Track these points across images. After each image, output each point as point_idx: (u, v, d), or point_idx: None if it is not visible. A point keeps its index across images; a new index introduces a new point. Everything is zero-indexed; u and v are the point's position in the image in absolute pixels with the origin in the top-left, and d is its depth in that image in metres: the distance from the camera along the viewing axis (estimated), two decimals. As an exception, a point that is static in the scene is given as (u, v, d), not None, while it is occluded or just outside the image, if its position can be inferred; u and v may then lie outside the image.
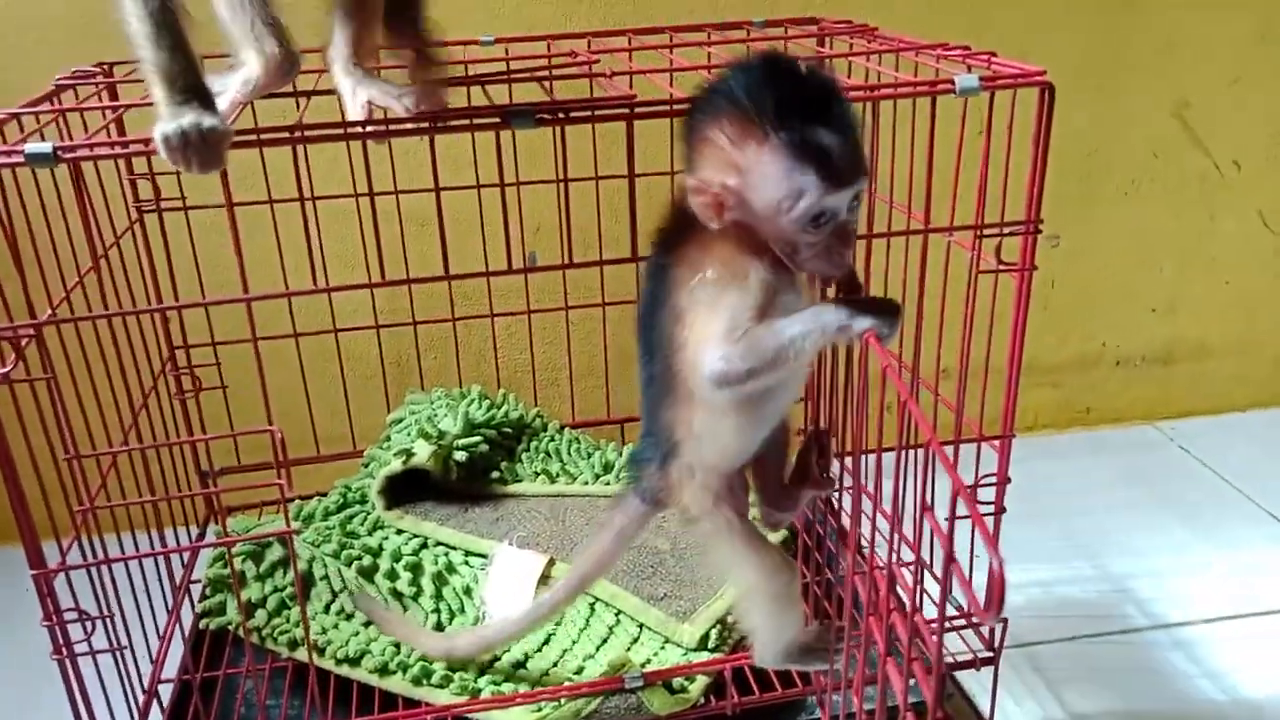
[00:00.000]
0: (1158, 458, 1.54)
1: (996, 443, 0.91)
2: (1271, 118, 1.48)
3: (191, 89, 0.66)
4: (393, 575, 1.00)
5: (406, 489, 1.11)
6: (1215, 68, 1.44)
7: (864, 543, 0.84)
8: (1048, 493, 1.44)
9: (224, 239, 0.87)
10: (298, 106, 0.83)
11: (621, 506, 0.79)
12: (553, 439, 1.21)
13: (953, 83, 0.74)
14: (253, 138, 0.68)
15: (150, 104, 0.69)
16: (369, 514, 1.10)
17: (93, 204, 0.86)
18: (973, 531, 0.45)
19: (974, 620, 0.92)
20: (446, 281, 0.85)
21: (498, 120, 0.70)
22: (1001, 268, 0.82)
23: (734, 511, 0.74)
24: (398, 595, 0.99)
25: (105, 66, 1.00)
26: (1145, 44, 1.41)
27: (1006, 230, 0.80)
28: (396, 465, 1.08)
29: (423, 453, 1.08)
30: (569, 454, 1.19)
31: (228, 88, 0.77)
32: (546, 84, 0.87)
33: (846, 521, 0.93)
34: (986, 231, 0.81)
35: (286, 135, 0.69)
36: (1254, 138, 1.49)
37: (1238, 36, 1.43)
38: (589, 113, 0.71)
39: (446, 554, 1.04)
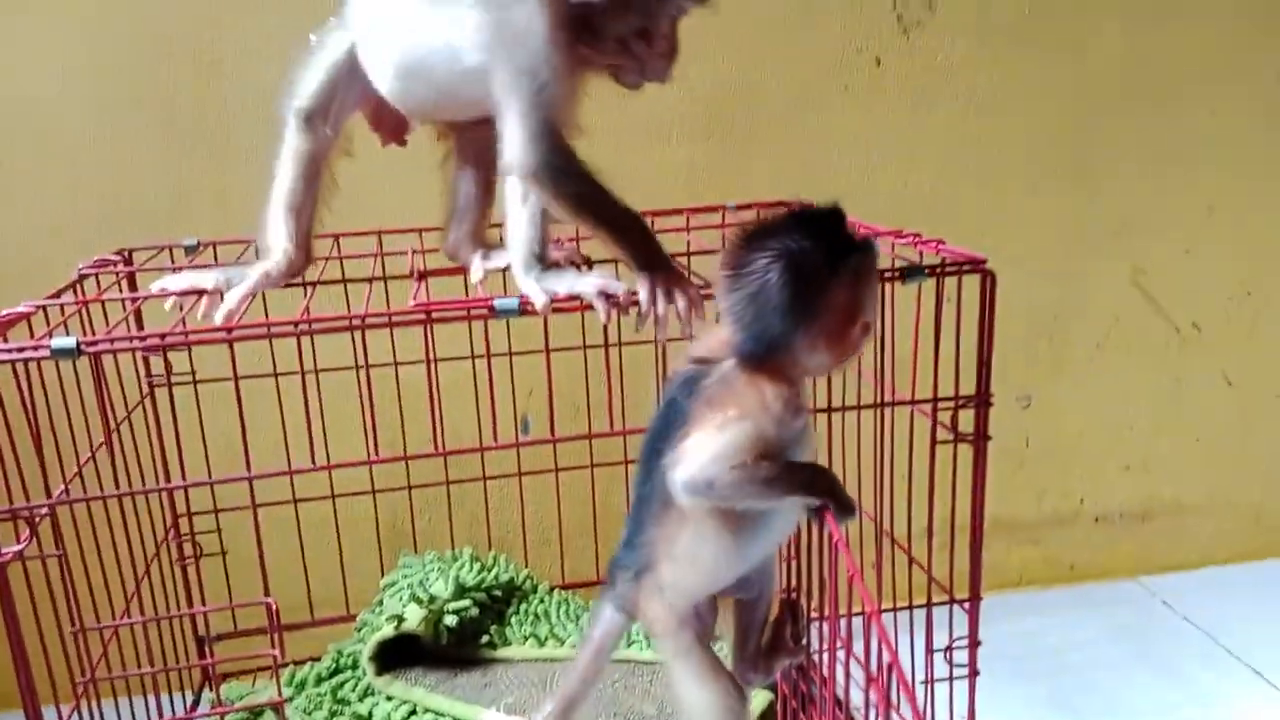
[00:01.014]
0: (1141, 613, 1.56)
1: (966, 604, 0.95)
2: (1225, 283, 1.56)
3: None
4: (382, 742, 1.02)
5: (398, 653, 1.13)
6: (1169, 239, 1.53)
7: (842, 699, 0.87)
8: (1033, 651, 1.45)
9: (232, 411, 0.92)
10: (305, 294, 0.91)
11: (597, 620, 0.81)
12: (542, 600, 1.24)
13: (899, 272, 0.81)
14: (263, 330, 0.75)
15: (165, 294, 0.78)
16: (360, 680, 1.12)
17: (109, 387, 0.92)
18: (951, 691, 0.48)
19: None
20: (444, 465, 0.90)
21: (486, 311, 0.76)
22: (955, 438, 0.87)
23: (695, 635, 0.77)
24: (386, 762, 1.00)
25: (125, 253, 1.08)
26: (1103, 219, 1.50)
27: (959, 403, 0.86)
28: (388, 631, 1.11)
29: (414, 618, 1.11)
30: (558, 616, 1.22)
31: (248, 276, 0.85)
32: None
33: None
34: (941, 405, 0.87)
35: (292, 329, 0.75)
36: (1210, 302, 1.57)
37: (1188, 211, 1.52)
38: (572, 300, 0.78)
39: None
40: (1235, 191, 1.52)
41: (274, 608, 0.74)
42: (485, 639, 1.17)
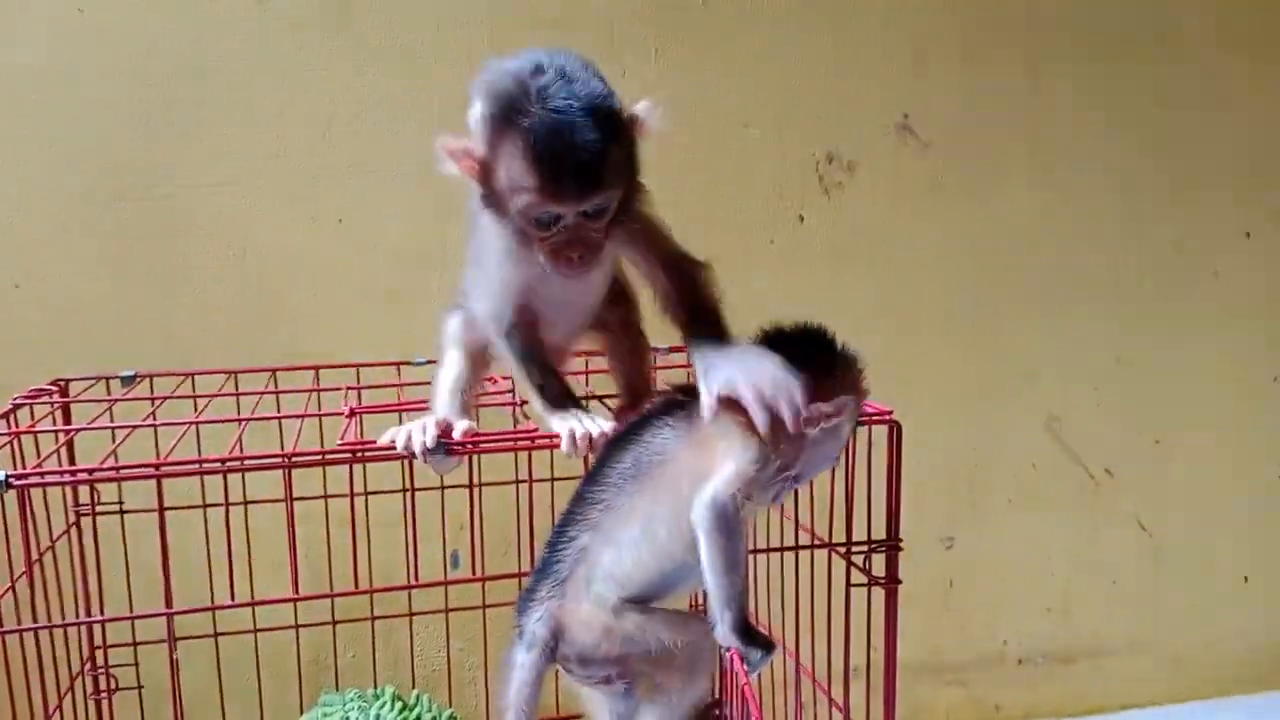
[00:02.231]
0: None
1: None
2: (1134, 431, 1.64)
3: (561, 397, 0.85)
4: None
5: (313, 795, 1.10)
6: (1079, 388, 1.61)
7: None
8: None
9: (157, 542, 0.93)
10: (238, 428, 0.93)
11: (509, 674, 0.81)
12: (464, 741, 1.22)
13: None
14: (193, 467, 0.76)
15: (97, 427, 0.79)
16: (273, 822, 1.09)
17: (34, 515, 0.92)
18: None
19: None
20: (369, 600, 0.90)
21: (413, 454, 0.79)
22: (869, 581, 0.90)
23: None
24: None
25: (61, 384, 1.10)
26: (1016, 369, 1.58)
27: (871, 547, 0.89)
28: (304, 770, 1.08)
29: (332, 757, 1.09)
30: (480, 757, 1.20)
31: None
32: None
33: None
34: (855, 549, 0.90)
35: (220, 466, 0.77)
36: (1122, 449, 1.64)
37: (1096, 361, 1.61)
38: (495, 443, 0.81)
39: None
40: (1140, 344, 1.61)
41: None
42: (404, 780, 1.15)
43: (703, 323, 0.83)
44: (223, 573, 1.05)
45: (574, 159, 0.73)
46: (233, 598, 0.89)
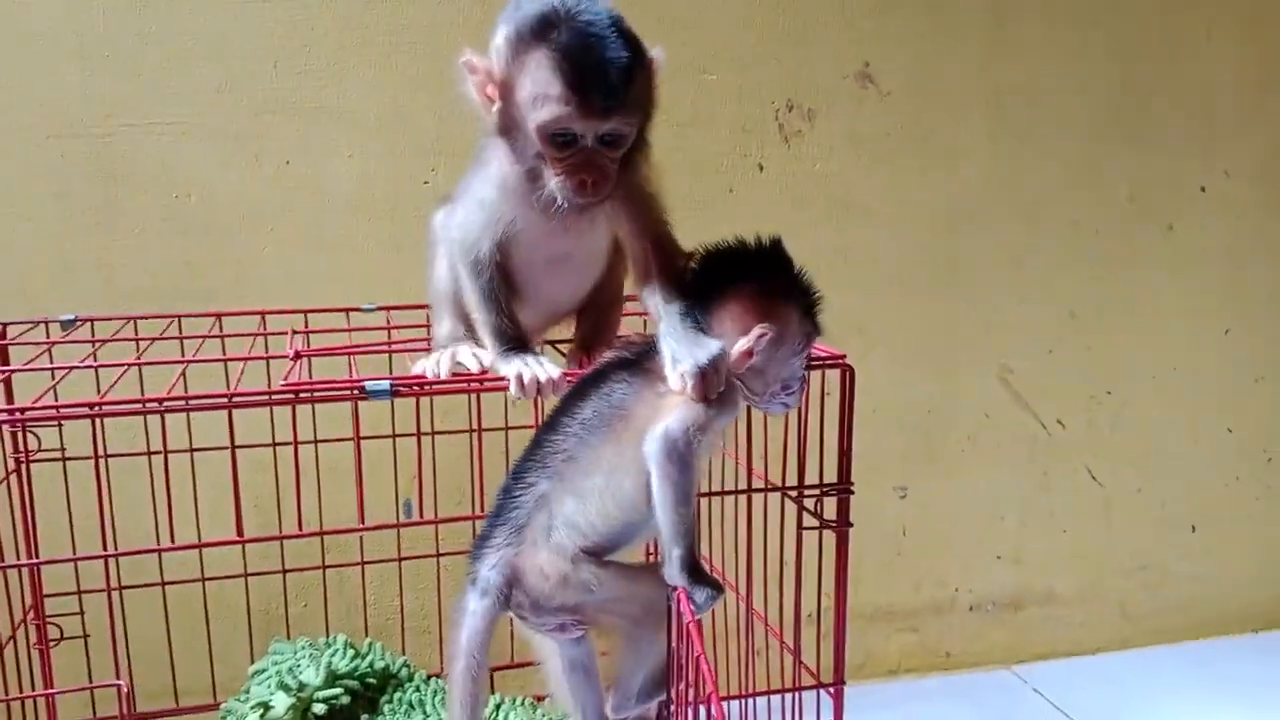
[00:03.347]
0: (1014, 702, 1.60)
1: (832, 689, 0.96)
2: (1087, 383, 1.65)
3: (515, 340, 0.86)
4: (240, 835, 0.98)
5: (263, 742, 1.10)
6: (1034, 341, 1.62)
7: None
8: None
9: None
10: (181, 368, 0.90)
11: (460, 618, 0.81)
12: (418, 689, 1.22)
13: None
14: (134, 407, 0.74)
15: (35, 369, 0.76)
16: (223, 770, 1.09)
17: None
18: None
19: None
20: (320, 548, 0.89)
21: (357, 393, 0.77)
22: (820, 524, 0.90)
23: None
24: None
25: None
26: (971, 321, 1.58)
27: (824, 490, 0.89)
28: (253, 719, 1.07)
29: (280, 706, 1.08)
30: (433, 705, 1.20)
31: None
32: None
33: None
34: (807, 492, 0.90)
35: (160, 406, 0.75)
36: (1074, 401, 1.65)
37: (1051, 314, 1.62)
38: (445, 387, 0.79)
39: (299, 811, 1.03)
40: (1094, 297, 1.63)
41: (124, 692, 0.72)
42: (357, 728, 1.14)
43: (673, 305, 0.83)
44: (166, 518, 1.03)
45: (604, 73, 0.75)
46: (172, 539, 0.87)
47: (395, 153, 1.34)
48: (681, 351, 0.78)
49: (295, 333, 1.05)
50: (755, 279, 0.81)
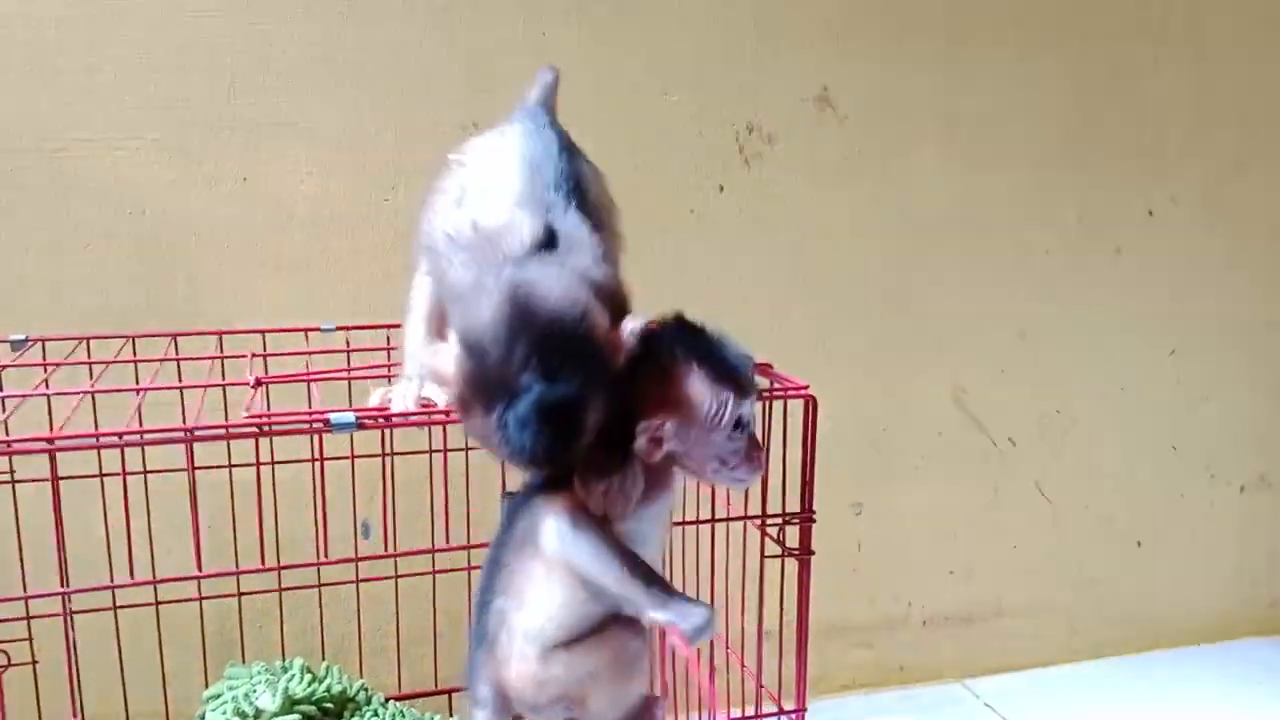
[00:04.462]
0: (964, 714, 1.63)
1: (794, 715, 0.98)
2: (1037, 401, 1.69)
3: None
4: None
5: (218, 770, 1.08)
6: (985, 360, 1.65)
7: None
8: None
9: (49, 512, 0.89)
10: (137, 398, 0.89)
11: None
12: (376, 713, 1.20)
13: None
14: (90, 441, 0.73)
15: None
16: (176, 799, 1.07)
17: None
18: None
19: None
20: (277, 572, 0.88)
21: (321, 426, 0.77)
22: (784, 553, 0.91)
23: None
24: None
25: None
26: (924, 341, 1.61)
27: (785, 519, 0.90)
28: (209, 746, 1.06)
29: (238, 732, 1.07)
30: (391, 728, 1.19)
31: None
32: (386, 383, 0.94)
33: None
34: (770, 520, 0.91)
35: (118, 440, 0.74)
36: (1024, 419, 1.68)
37: (1002, 335, 1.65)
38: (410, 416, 0.79)
39: (255, 841, 1.02)
40: (1043, 318, 1.66)
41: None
42: (314, 753, 1.13)
43: None
44: (121, 544, 1.02)
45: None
46: (132, 574, 0.86)
47: (355, 170, 1.33)
48: (584, 481, 0.76)
49: (254, 355, 1.03)
50: (646, 368, 0.76)
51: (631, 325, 0.73)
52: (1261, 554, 1.86)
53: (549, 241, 0.74)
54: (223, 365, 1.06)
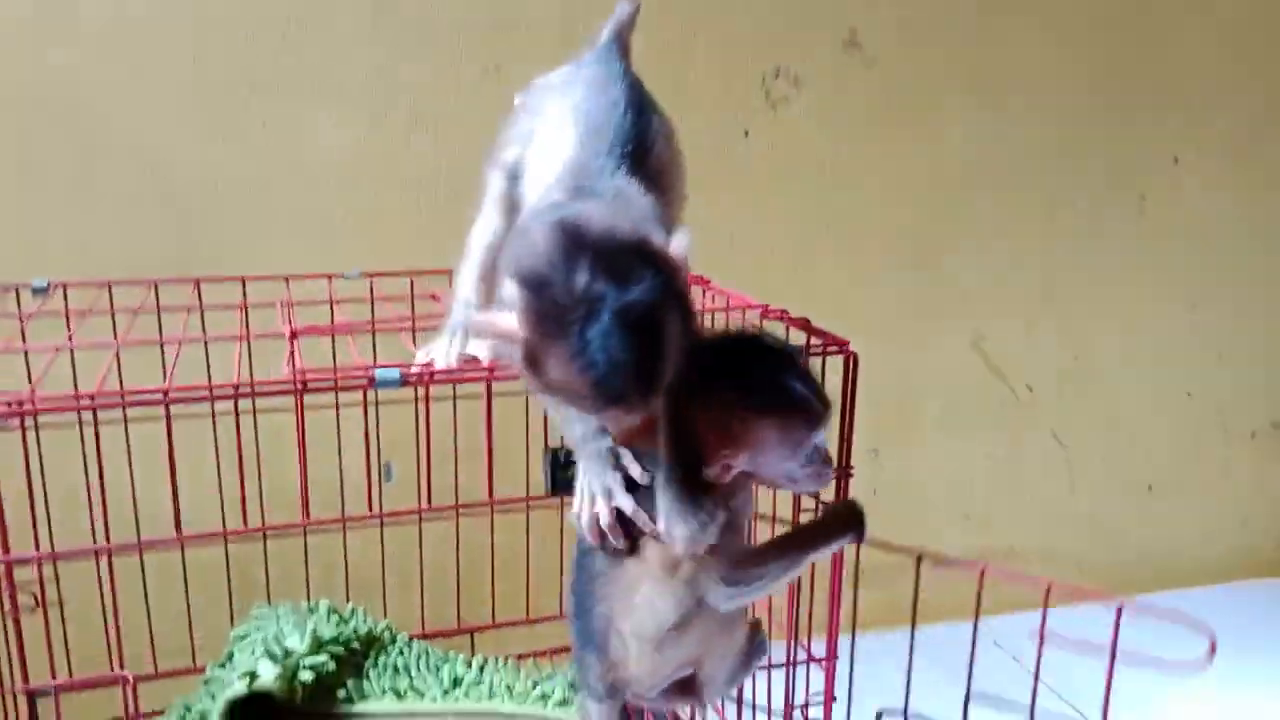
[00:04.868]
0: (975, 653, 1.65)
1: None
2: (1057, 350, 1.69)
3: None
4: (231, 807, 0.99)
5: (250, 709, 1.09)
6: (1007, 310, 1.64)
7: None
8: (878, 691, 1.52)
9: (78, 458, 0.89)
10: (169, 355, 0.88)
11: (583, 714, 0.83)
12: (402, 652, 1.22)
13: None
14: (120, 400, 0.72)
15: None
16: (209, 738, 1.09)
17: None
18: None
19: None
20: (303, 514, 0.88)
21: (365, 382, 0.76)
22: (818, 505, 0.91)
23: None
24: (236, 828, 0.98)
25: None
26: (948, 287, 1.60)
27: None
28: (240, 688, 1.07)
29: (268, 674, 1.08)
30: (418, 668, 1.20)
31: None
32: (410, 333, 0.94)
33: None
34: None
35: (163, 398, 0.73)
36: (1043, 368, 1.68)
37: (1025, 284, 1.64)
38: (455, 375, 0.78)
39: (290, 780, 1.03)
40: (1067, 266, 1.65)
41: (131, 683, 0.72)
42: (342, 693, 1.15)
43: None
44: (154, 495, 1.02)
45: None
46: (179, 527, 0.85)
47: (377, 120, 1.31)
48: (673, 518, 0.74)
49: (282, 304, 1.02)
50: (719, 395, 0.72)
51: (680, 240, 0.66)
52: (1269, 498, 1.88)
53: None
54: (245, 315, 1.04)
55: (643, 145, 0.78)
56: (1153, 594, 1.83)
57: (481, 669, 1.22)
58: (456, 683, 1.18)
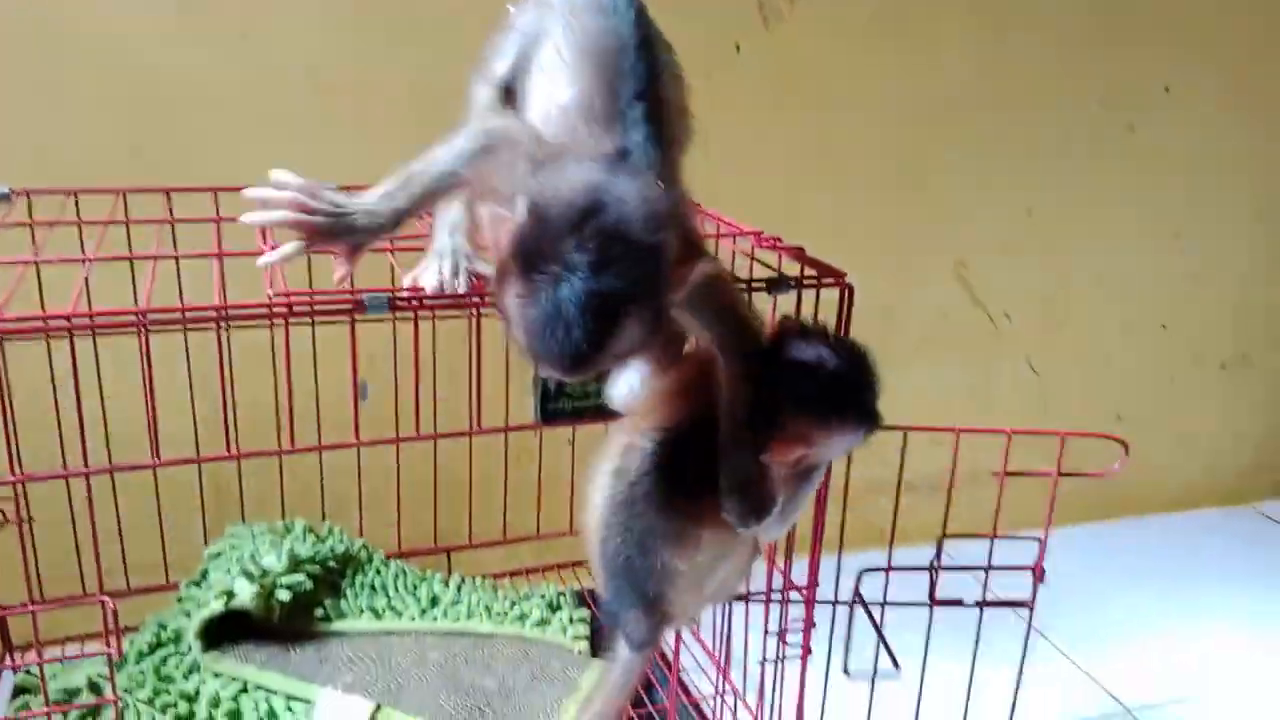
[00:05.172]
0: (942, 578, 1.68)
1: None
2: (1037, 279, 1.68)
3: None
4: (211, 723, 0.99)
5: (225, 628, 1.09)
6: (990, 236, 1.63)
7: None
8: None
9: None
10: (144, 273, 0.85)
11: (615, 669, 0.87)
12: (379, 571, 1.22)
13: (765, 284, 0.83)
14: (133, 318, 0.70)
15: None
16: (184, 656, 1.08)
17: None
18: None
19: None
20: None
21: (355, 305, 0.74)
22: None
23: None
24: (216, 745, 0.98)
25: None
26: (933, 212, 1.58)
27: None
28: (217, 607, 1.06)
29: (244, 593, 1.07)
30: (395, 588, 1.20)
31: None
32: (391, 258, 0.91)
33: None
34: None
35: (136, 319, 0.70)
36: (1023, 296, 1.68)
37: (1010, 211, 1.63)
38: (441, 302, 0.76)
39: (268, 699, 1.03)
40: (1052, 195, 1.63)
41: (111, 607, 0.70)
42: (319, 612, 1.14)
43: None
44: (126, 413, 0.99)
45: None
46: (157, 453, 0.83)
47: (360, 27, 1.25)
48: (732, 505, 0.80)
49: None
50: (810, 405, 0.82)
51: (704, 268, 0.69)
52: (1234, 430, 1.91)
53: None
54: (219, 231, 1.00)
55: (656, 86, 0.76)
56: (1119, 520, 1.88)
57: (459, 588, 1.22)
58: (434, 602, 1.18)
